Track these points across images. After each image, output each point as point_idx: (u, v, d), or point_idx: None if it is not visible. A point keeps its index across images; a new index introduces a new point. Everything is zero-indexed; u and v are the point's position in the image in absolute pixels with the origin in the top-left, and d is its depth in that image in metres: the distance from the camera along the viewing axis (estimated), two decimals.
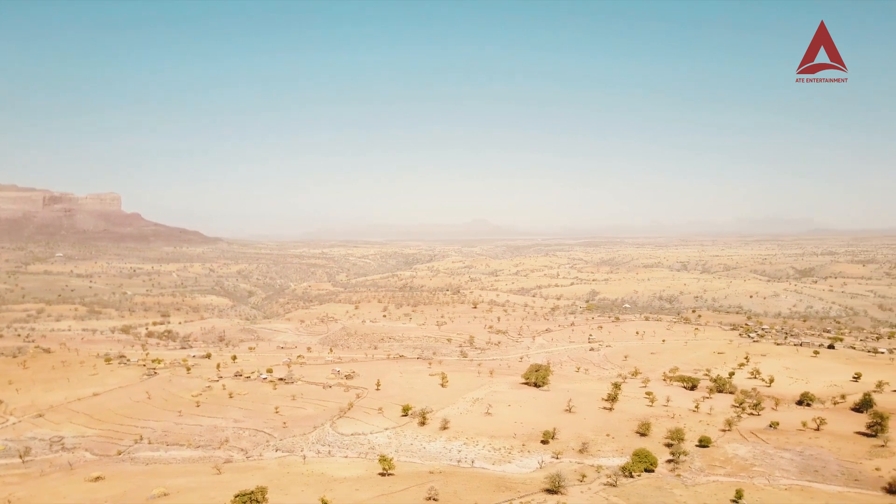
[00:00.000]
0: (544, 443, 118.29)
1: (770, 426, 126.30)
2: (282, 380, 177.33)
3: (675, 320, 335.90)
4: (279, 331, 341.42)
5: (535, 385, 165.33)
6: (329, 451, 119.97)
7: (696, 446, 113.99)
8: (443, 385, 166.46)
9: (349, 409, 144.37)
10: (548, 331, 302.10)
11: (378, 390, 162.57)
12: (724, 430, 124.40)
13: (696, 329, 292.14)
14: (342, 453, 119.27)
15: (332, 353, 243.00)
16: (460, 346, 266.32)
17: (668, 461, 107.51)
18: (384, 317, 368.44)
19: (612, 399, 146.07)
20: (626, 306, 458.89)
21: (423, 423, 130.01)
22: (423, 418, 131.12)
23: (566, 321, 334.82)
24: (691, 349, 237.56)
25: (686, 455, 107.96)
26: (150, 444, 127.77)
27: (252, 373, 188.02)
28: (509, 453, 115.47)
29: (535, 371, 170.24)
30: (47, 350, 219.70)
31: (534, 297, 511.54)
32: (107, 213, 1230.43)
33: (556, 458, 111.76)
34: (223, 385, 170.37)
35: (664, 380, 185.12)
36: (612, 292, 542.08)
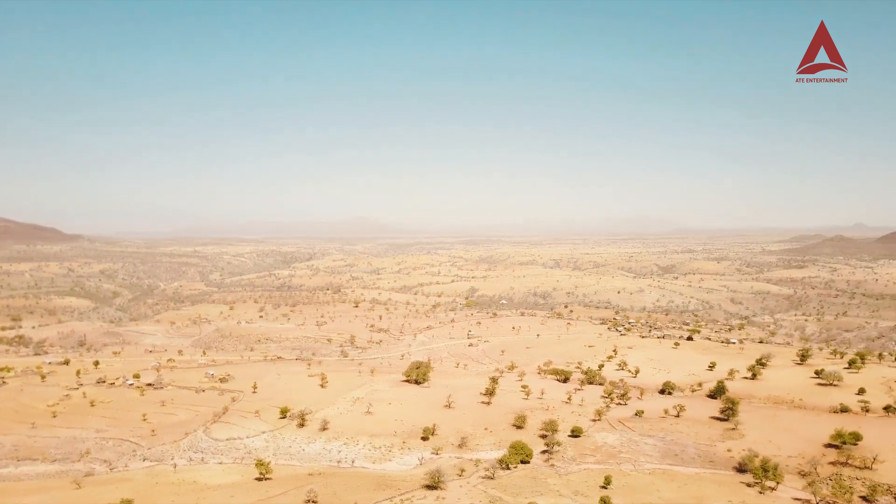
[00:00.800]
0: (424, 439, 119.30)
1: (636, 414, 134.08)
2: (150, 385, 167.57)
3: (548, 315, 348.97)
4: (147, 333, 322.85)
5: (416, 382, 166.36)
6: (202, 458, 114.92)
7: (569, 436, 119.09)
8: (322, 385, 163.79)
9: (224, 413, 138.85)
10: (429, 328, 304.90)
11: (255, 393, 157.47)
12: (595, 420, 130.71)
13: (569, 324, 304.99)
14: (216, 459, 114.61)
15: (205, 355, 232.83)
16: (341, 345, 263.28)
17: (543, 452, 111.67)
18: (261, 317, 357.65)
19: (490, 393, 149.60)
20: (504, 302, 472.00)
21: (302, 425, 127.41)
22: (303, 420, 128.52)
23: (447, 318, 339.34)
24: (564, 343, 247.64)
25: (559, 445, 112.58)
26: None
27: (117, 379, 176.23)
28: (390, 451, 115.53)
29: (416, 368, 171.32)
30: None
31: (415, 294, 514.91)
32: None
33: (436, 453, 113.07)
34: (84, 393, 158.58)
35: (539, 373, 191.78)
36: (491, 289, 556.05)
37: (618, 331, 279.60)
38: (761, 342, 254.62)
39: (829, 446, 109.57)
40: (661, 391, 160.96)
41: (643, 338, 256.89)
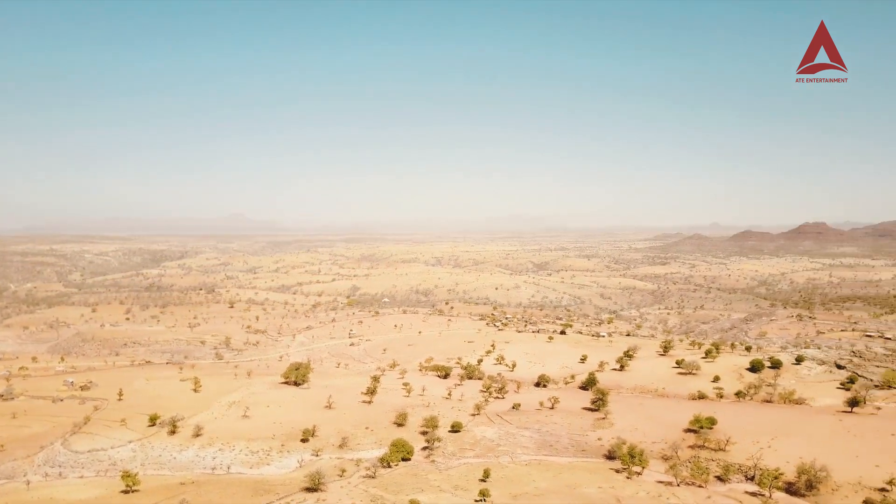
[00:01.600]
0: (304, 441, 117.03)
1: (513, 408, 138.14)
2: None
3: (430, 312, 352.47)
4: None
5: (296, 383, 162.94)
6: (60, 473, 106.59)
7: (449, 432, 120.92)
8: (196, 390, 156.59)
9: (85, 423, 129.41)
10: (309, 328, 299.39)
11: (121, 400, 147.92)
12: (474, 415, 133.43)
13: (449, 320, 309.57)
14: (77, 473, 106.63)
15: (63, 362, 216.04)
16: (215, 347, 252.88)
17: (424, 448, 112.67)
18: (127, 319, 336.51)
19: (372, 392, 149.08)
20: (386, 301, 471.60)
21: (173, 432, 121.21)
22: (174, 427, 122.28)
23: (327, 318, 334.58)
24: (445, 339, 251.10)
25: (440, 441, 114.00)
26: None
27: None
28: (268, 455, 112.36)
29: (295, 369, 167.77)
30: None
31: (295, 294, 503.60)
32: None
33: (317, 455, 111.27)
34: None
35: (420, 370, 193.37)
36: (373, 287, 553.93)
37: (496, 326, 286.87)
38: (628, 335, 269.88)
39: (688, 431, 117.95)
40: (537, 384, 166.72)
41: (520, 332, 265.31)
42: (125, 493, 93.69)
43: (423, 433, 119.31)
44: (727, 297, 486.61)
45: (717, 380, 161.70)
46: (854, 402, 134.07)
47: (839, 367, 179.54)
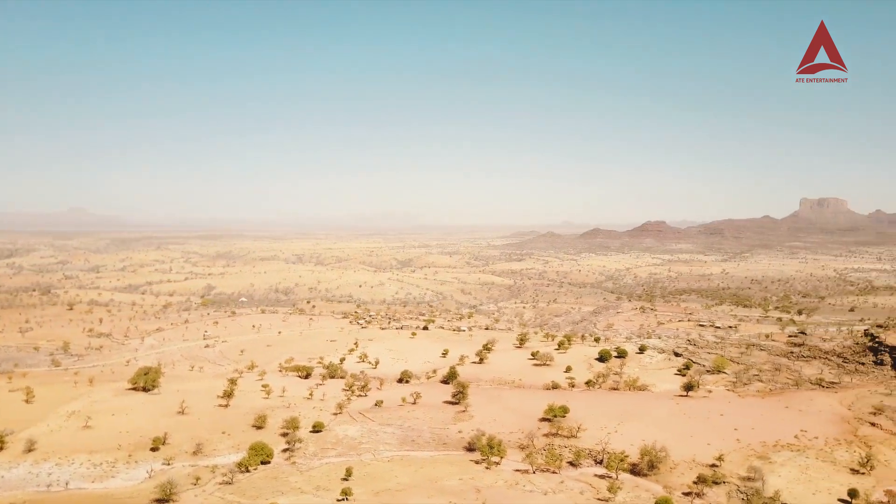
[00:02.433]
0: (154, 450, 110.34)
1: (376, 405, 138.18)
2: None
3: (291, 312, 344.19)
4: None
5: (145, 389, 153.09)
6: None
7: (311, 432, 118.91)
8: (28, 401, 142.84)
9: None
10: (159, 330, 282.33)
11: None
12: (336, 414, 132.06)
13: (311, 319, 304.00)
14: None
15: None
16: (52, 353, 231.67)
17: (285, 450, 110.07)
18: None
19: (228, 395, 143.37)
20: (243, 300, 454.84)
21: (0, 448, 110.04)
22: (2, 442, 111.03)
23: (180, 319, 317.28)
24: (306, 339, 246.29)
25: (301, 442, 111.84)
26: None
27: None
28: (113, 467, 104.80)
29: (144, 374, 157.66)
30: None
31: (143, 294, 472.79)
32: None
33: (168, 463, 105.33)
34: None
35: (280, 371, 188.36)
36: (229, 286, 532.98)
37: (359, 324, 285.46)
38: (487, 329, 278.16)
39: (543, 420, 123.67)
40: (400, 380, 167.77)
41: (383, 329, 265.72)
42: None
43: (284, 435, 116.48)
44: (578, 291, 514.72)
45: (569, 370, 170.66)
46: (689, 387, 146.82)
47: (677, 354, 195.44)
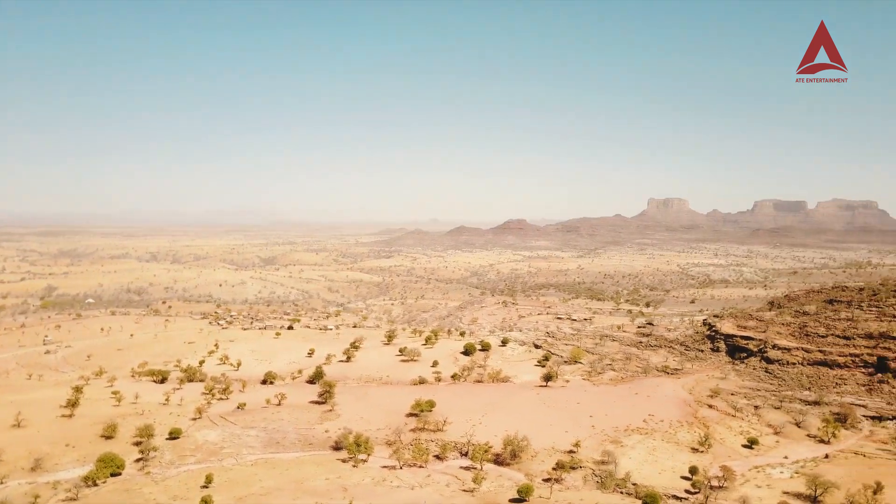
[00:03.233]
0: None
1: (238, 408, 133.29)
2: None
3: (144, 313, 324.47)
4: None
5: None
6: None
7: (167, 439, 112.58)
8: None
9: None
10: None
11: None
12: (195, 419, 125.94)
13: (167, 320, 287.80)
14: None
15: None
16: None
17: (138, 460, 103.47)
18: None
19: (73, 405, 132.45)
20: (90, 301, 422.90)
21: None
22: None
23: (15, 323, 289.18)
24: (162, 341, 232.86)
25: (156, 450, 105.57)
26: None
27: None
28: None
29: None
30: None
31: None
32: None
33: (2, 482, 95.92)
34: None
35: (133, 376, 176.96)
36: (74, 287, 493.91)
37: (220, 325, 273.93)
38: (355, 327, 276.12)
39: (410, 415, 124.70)
40: (264, 381, 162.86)
41: (245, 330, 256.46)
42: None
43: (137, 444, 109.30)
44: (445, 287, 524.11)
45: (435, 364, 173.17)
46: (548, 378, 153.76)
47: (537, 346, 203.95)
